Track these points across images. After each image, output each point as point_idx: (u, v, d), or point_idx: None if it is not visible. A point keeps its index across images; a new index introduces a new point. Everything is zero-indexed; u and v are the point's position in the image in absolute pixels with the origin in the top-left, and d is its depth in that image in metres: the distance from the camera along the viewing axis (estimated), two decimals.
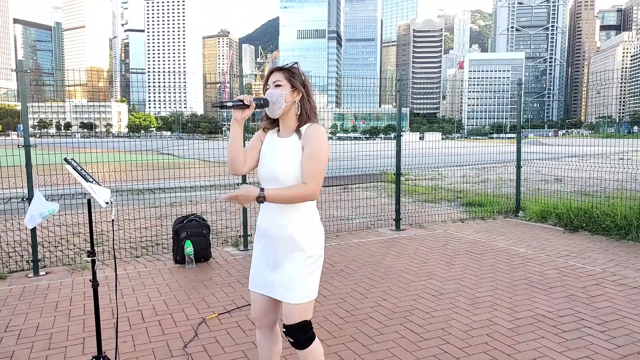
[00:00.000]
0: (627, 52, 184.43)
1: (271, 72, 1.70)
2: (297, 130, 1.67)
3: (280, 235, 1.65)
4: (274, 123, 1.76)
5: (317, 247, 1.69)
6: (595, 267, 4.05)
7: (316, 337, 1.73)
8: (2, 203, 6.45)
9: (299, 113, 1.67)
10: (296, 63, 1.71)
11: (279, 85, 1.65)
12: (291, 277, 1.64)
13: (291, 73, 1.67)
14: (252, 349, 2.56)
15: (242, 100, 1.64)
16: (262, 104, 1.67)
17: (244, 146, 1.73)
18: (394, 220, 5.73)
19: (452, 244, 4.94)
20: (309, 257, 1.66)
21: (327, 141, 1.66)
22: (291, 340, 1.68)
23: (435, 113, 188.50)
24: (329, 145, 1.67)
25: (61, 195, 6.60)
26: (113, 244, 2.18)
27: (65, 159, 2.13)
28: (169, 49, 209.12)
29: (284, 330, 1.68)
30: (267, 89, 1.69)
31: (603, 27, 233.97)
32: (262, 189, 1.54)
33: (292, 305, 1.64)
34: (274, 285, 1.68)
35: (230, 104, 1.66)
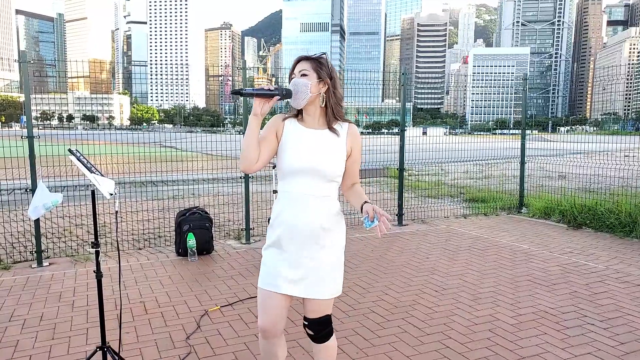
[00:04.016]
0: (634, 48, 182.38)
1: (298, 60, 1.62)
2: (331, 127, 1.62)
3: (311, 231, 1.58)
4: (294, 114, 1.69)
5: (344, 238, 1.70)
6: (598, 264, 4.03)
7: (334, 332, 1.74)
8: (5, 194, 6.47)
9: (323, 105, 1.61)
10: (324, 53, 1.64)
11: (305, 75, 1.57)
12: (323, 271, 1.61)
13: (319, 63, 1.59)
14: (254, 342, 2.56)
15: (263, 88, 1.49)
16: (285, 94, 1.54)
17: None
18: (397, 215, 5.72)
19: (454, 240, 4.93)
20: (337, 251, 1.66)
21: None
22: (312, 333, 1.67)
23: (438, 108, 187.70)
24: None
25: (64, 186, 6.61)
26: (117, 236, 2.18)
27: (70, 150, 2.13)
28: (171, 42, 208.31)
29: (306, 323, 1.66)
30: (293, 78, 1.60)
31: (610, 23, 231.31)
32: (366, 202, 1.56)
33: (321, 300, 1.62)
34: (299, 283, 1.61)
35: (249, 91, 1.49)
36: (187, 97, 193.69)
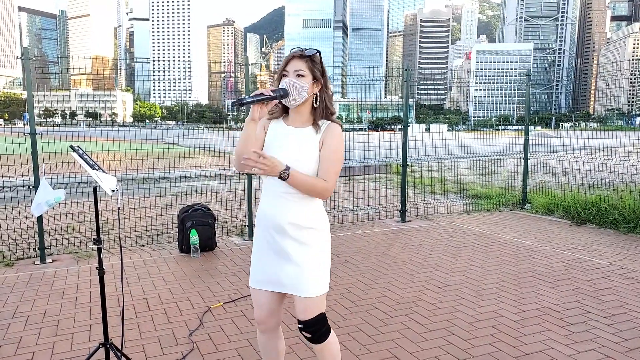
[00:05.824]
0: (638, 43, 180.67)
1: (291, 57, 1.56)
2: (315, 124, 1.60)
3: (292, 227, 1.57)
4: (282, 111, 1.67)
5: (327, 236, 1.67)
6: (602, 261, 4.01)
7: (332, 329, 1.70)
8: (8, 191, 6.49)
9: (317, 105, 1.59)
10: (318, 51, 1.59)
11: (302, 76, 1.54)
12: (305, 269, 1.58)
13: (313, 62, 1.55)
14: (257, 339, 2.56)
15: (262, 94, 1.49)
16: (282, 94, 1.53)
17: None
18: (399, 211, 5.70)
19: (457, 236, 4.91)
20: (322, 247, 1.64)
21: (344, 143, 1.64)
22: (308, 335, 1.63)
23: (441, 104, 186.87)
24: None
25: (67, 183, 6.62)
26: (119, 233, 2.18)
27: (71, 147, 2.12)
28: (173, 38, 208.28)
29: (300, 326, 1.62)
30: (284, 75, 1.57)
31: (614, 18, 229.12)
32: (288, 167, 1.46)
33: (308, 298, 1.58)
34: (284, 280, 1.60)
35: (249, 99, 1.49)
36: (189, 93, 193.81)
